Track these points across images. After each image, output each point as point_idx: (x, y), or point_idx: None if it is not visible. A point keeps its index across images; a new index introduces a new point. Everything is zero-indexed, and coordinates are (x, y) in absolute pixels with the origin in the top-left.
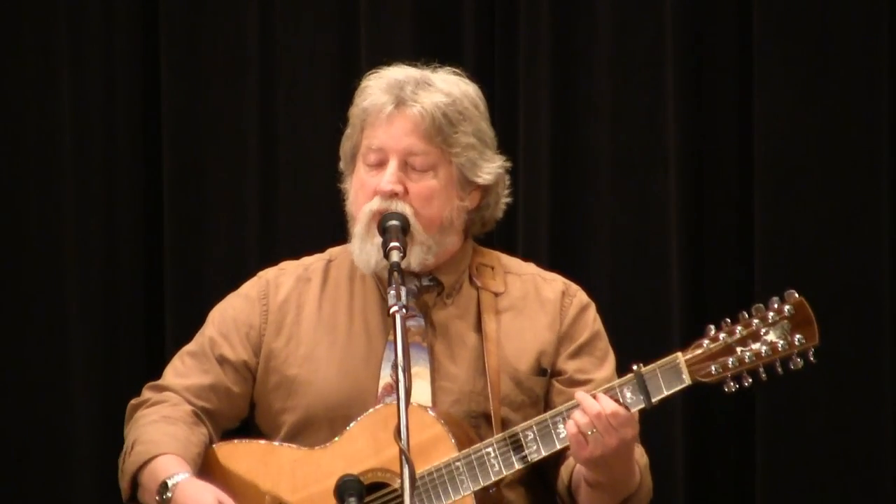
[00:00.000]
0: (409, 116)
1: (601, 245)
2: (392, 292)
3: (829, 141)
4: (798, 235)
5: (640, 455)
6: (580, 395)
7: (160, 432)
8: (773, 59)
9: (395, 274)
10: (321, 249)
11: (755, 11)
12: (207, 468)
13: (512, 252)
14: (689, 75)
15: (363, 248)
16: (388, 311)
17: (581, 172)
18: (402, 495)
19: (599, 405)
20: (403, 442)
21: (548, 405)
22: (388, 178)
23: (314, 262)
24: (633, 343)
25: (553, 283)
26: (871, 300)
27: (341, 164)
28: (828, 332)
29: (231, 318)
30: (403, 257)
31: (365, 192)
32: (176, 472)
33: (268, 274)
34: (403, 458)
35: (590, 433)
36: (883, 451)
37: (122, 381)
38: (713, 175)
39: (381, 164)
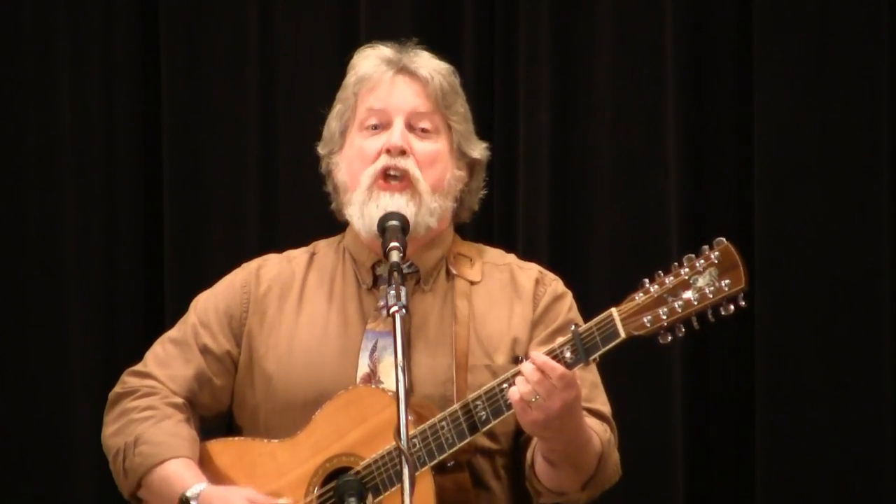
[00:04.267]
0: (416, 78)
1: (601, 245)
2: (392, 292)
3: (829, 141)
4: (798, 235)
5: (602, 430)
6: (524, 363)
7: (164, 432)
8: (773, 59)
9: (395, 274)
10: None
11: (755, 10)
12: None
13: (512, 252)
14: (689, 75)
15: (364, 212)
16: (377, 301)
17: (581, 173)
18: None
19: (541, 370)
20: (403, 442)
21: None
22: (399, 134)
23: (298, 255)
24: (633, 342)
25: (529, 272)
26: (871, 300)
27: (322, 147)
28: (828, 331)
29: (213, 307)
30: (403, 257)
31: (364, 156)
32: (192, 482)
33: (251, 265)
34: (403, 458)
35: (533, 400)
36: (883, 450)
37: None
38: (713, 175)
39: (382, 127)
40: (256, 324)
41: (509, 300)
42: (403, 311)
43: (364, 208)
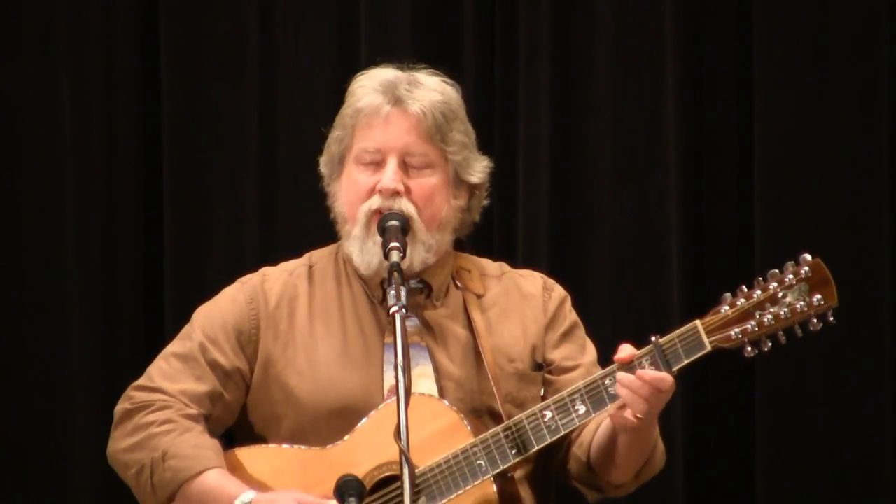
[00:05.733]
0: (409, 115)
1: (601, 245)
2: (392, 292)
3: (829, 141)
4: (798, 235)
5: None
6: (625, 377)
7: (190, 444)
8: (773, 59)
9: (395, 274)
10: (328, 243)
11: (755, 11)
12: None
13: (512, 252)
14: (690, 75)
15: (364, 249)
16: (388, 311)
17: (581, 172)
18: (403, 494)
19: (652, 385)
20: (403, 442)
21: (542, 396)
22: (391, 176)
23: (296, 267)
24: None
25: (532, 279)
26: (871, 300)
27: (323, 168)
28: (828, 331)
29: (220, 321)
30: (403, 257)
31: (359, 192)
32: (238, 491)
33: (252, 279)
34: (403, 458)
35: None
36: (883, 450)
37: (122, 381)
38: (713, 175)
39: (377, 164)
40: (271, 339)
41: (519, 308)
42: (404, 311)
43: (363, 245)
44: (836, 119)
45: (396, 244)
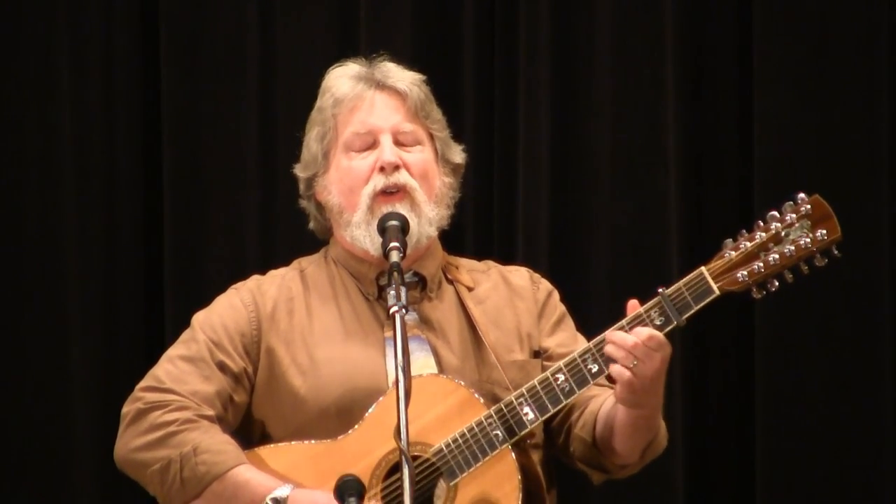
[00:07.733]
0: (394, 95)
1: (601, 245)
2: (392, 292)
3: (829, 141)
4: None
5: None
6: (612, 332)
7: (219, 441)
8: (773, 59)
9: (396, 274)
10: (317, 250)
11: (755, 11)
12: None
13: (512, 252)
14: (689, 75)
15: (368, 231)
16: (387, 309)
17: (581, 172)
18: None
19: (634, 335)
20: (403, 442)
21: None
22: (389, 151)
23: (288, 272)
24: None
25: (519, 272)
26: (871, 299)
27: (303, 169)
28: (828, 331)
29: (221, 325)
30: (403, 257)
31: (355, 178)
32: (275, 485)
33: (246, 284)
34: (403, 458)
35: (633, 365)
36: (883, 450)
37: (122, 381)
38: (713, 175)
39: (369, 147)
40: (272, 340)
41: (510, 300)
42: (404, 311)
43: (370, 228)
44: (836, 118)
45: (396, 244)
